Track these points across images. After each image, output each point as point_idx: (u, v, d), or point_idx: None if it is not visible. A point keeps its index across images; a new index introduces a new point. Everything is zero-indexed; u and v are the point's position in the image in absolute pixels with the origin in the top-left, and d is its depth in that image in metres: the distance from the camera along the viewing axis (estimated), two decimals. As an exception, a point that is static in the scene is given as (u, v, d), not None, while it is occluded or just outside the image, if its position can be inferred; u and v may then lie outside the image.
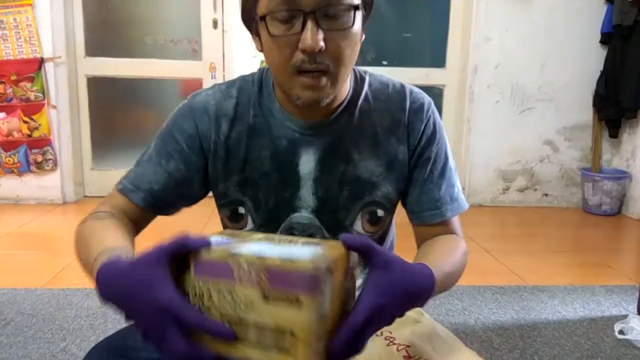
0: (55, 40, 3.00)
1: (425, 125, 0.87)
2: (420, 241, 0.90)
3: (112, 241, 0.72)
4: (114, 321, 1.66)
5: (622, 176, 3.23)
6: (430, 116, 0.88)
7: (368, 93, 0.88)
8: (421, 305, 0.63)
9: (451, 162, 0.91)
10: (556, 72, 3.24)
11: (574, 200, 3.41)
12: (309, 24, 0.70)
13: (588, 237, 2.89)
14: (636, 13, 2.97)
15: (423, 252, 0.84)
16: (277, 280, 0.53)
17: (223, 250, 0.57)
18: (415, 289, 0.61)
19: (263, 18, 0.73)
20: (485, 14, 3.13)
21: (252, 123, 0.86)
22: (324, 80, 0.74)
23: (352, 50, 0.76)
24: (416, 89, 0.90)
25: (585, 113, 3.31)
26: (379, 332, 0.81)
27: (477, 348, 1.56)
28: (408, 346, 0.82)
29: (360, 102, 0.87)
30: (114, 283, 0.59)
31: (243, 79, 0.90)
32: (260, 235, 0.66)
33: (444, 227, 0.89)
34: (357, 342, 0.57)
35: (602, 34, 3.19)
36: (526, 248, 2.57)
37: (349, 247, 0.59)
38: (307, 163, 0.85)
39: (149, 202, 0.86)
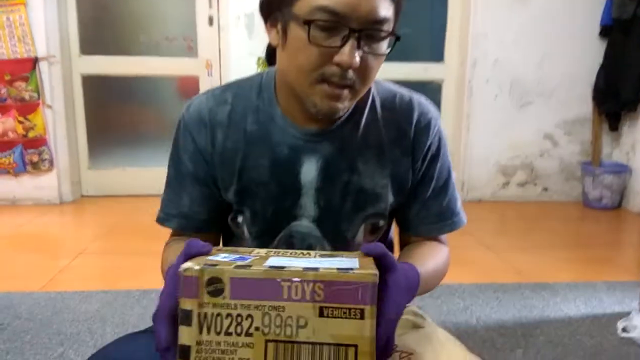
0: (49, 39, 2.96)
1: (431, 143, 0.86)
2: (404, 243, 0.91)
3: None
4: (112, 325, 1.64)
5: (622, 170, 3.22)
6: (436, 134, 0.87)
7: (375, 101, 0.86)
8: (409, 301, 0.66)
9: (453, 177, 0.90)
10: (555, 66, 3.21)
11: (574, 194, 3.39)
12: (351, 42, 0.69)
13: (588, 231, 2.88)
14: (635, 6, 2.94)
15: (409, 253, 0.83)
16: (336, 294, 0.50)
17: (261, 267, 0.52)
18: (414, 285, 0.67)
19: (308, 22, 0.70)
20: (483, 8, 3.10)
21: (250, 130, 0.83)
22: (345, 92, 0.73)
23: (378, 69, 0.76)
24: (424, 101, 0.88)
25: (584, 107, 3.29)
26: None
27: (479, 348, 1.54)
28: (410, 354, 0.80)
29: (366, 110, 0.84)
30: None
31: (239, 83, 0.87)
32: (265, 250, 0.63)
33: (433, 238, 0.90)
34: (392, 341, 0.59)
35: (602, 27, 3.17)
36: (526, 244, 2.56)
37: (368, 254, 0.60)
38: (309, 172, 0.83)
39: (184, 225, 0.87)
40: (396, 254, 0.89)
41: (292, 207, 0.84)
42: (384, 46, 0.74)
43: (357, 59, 0.70)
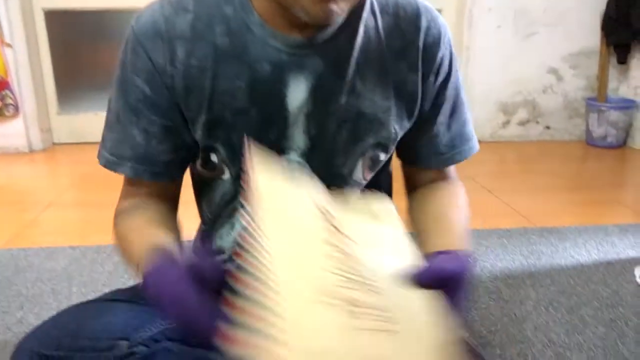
0: (2, -32, 2.65)
1: (443, 56, 0.71)
2: (412, 183, 0.80)
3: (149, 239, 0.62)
4: (79, 284, 1.48)
5: (629, 105, 3.03)
6: (447, 45, 0.71)
7: (374, 5, 0.68)
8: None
9: (463, 94, 0.77)
10: (563, -8, 2.95)
11: (577, 132, 3.22)
12: None
13: (594, 171, 2.73)
14: None
15: (437, 215, 0.71)
16: None
17: None
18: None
19: None
20: None
21: (220, 44, 0.65)
22: None
23: None
24: (430, 7, 0.71)
25: (592, 38, 3.05)
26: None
27: (486, 301, 1.41)
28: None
29: (364, 15, 0.67)
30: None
31: None
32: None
33: (444, 170, 0.80)
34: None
35: (615, -54, 2.89)
36: (530, 186, 2.41)
37: (434, 285, 0.51)
38: (297, 93, 0.66)
39: (140, 171, 0.70)
40: (397, 195, 0.79)
41: (279, 139, 0.67)
42: None
43: None
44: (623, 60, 3.06)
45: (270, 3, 0.62)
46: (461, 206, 0.75)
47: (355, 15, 0.66)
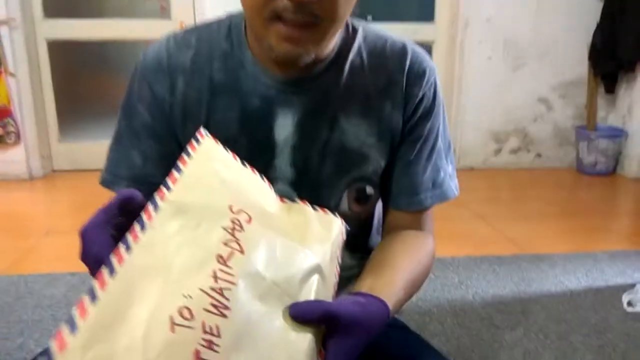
0: (8, 0, 2.73)
1: (424, 95, 0.73)
2: (387, 226, 0.78)
3: None
4: (79, 311, 1.51)
5: (618, 134, 3.11)
6: (431, 85, 0.74)
7: (361, 47, 0.73)
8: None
9: (441, 142, 0.77)
10: (551, 25, 3.05)
11: (568, 160, 3.29)
12: None
13: (584, 199, 2.79)
14: (636, -41, 2.78)
15: (382, 258, 0.69)
16: None
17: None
18: (372, 335, 0.53)
19: None
20: (476, -38, 2.91)
21: (216, 78, 0.71)
22: (306, 33, 0.60)
23: (348, 3, 0.62)
24: (420, 50, 0.75)
25: (580, 68, 3.14)
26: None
27: (477, 327, 1.44)
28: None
29: (351, 56, 0.72)
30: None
31: (206, 25, 0.75)
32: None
33: (416, 216, 0.76)
34: None
35: (599, -18, 3.00)
36: (521, 213, 2.46)
37: (309, 321, 0.47)
38: (284, 127, 0.71)
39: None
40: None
41: (266, 168, 0.71)
42: None
43: None
44: (611, 89, 3.16)
45: (258, 43, 0.68)
46: (417, 258, 0.70)
47: (342, 57, 0.71)
